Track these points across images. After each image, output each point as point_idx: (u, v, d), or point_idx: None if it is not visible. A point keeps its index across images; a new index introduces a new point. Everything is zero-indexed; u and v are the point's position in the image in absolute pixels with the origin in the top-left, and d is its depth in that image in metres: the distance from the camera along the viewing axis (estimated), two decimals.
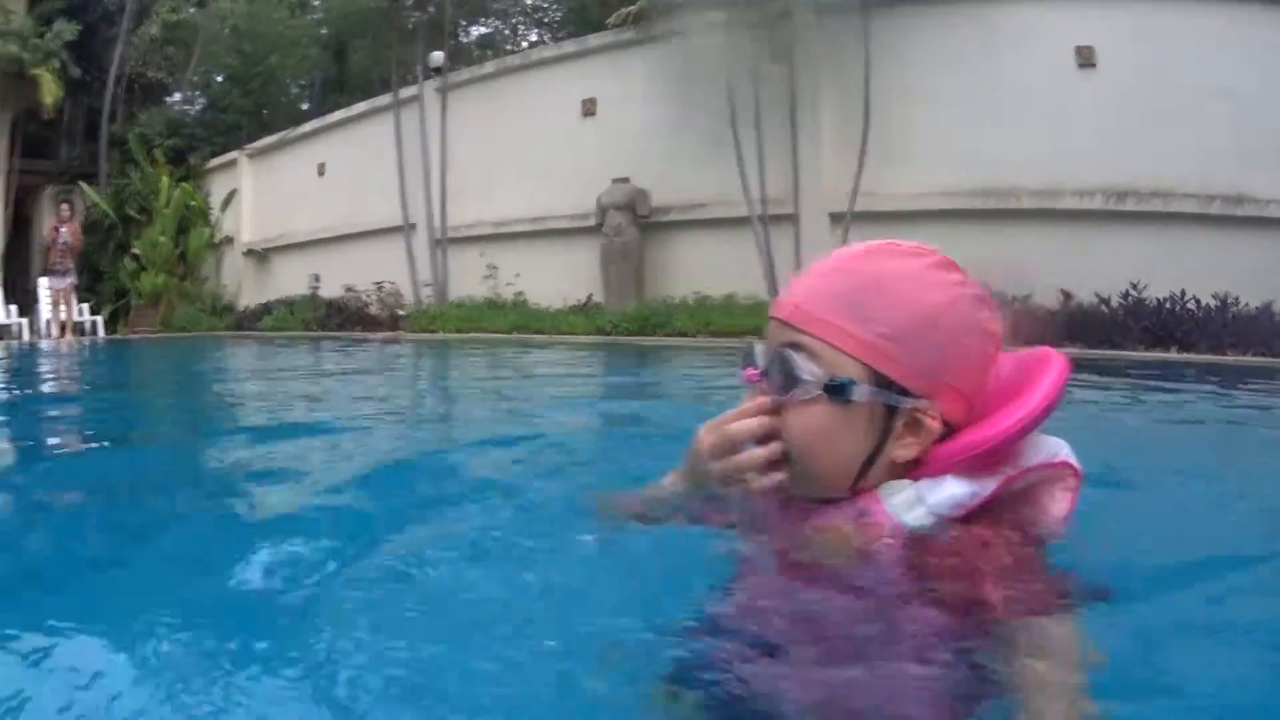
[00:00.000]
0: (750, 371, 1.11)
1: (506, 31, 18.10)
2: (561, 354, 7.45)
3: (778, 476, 1.06)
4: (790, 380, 1.04)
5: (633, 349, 7.78)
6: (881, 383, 1.02)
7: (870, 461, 1.05)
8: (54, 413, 5.12)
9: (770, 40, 8.55)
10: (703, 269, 9.16)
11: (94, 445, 3.74)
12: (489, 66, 12.19)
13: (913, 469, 1.05)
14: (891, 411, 1.03)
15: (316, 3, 18.93)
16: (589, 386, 5.66)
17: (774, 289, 8.30)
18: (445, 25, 13.24)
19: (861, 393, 1.02)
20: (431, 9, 13.19)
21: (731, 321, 8.01)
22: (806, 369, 1.03)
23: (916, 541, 1.04)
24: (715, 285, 8.84)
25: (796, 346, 1.04)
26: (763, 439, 1.06)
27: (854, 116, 8.40)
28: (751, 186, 8.70)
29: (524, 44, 16.95)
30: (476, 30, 16.22)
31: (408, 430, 3.66)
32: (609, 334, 8.48)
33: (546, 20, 18.02)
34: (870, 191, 8.30)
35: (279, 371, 6.73)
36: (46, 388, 6.61)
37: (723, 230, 9.17)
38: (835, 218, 8.49)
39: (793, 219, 8.76)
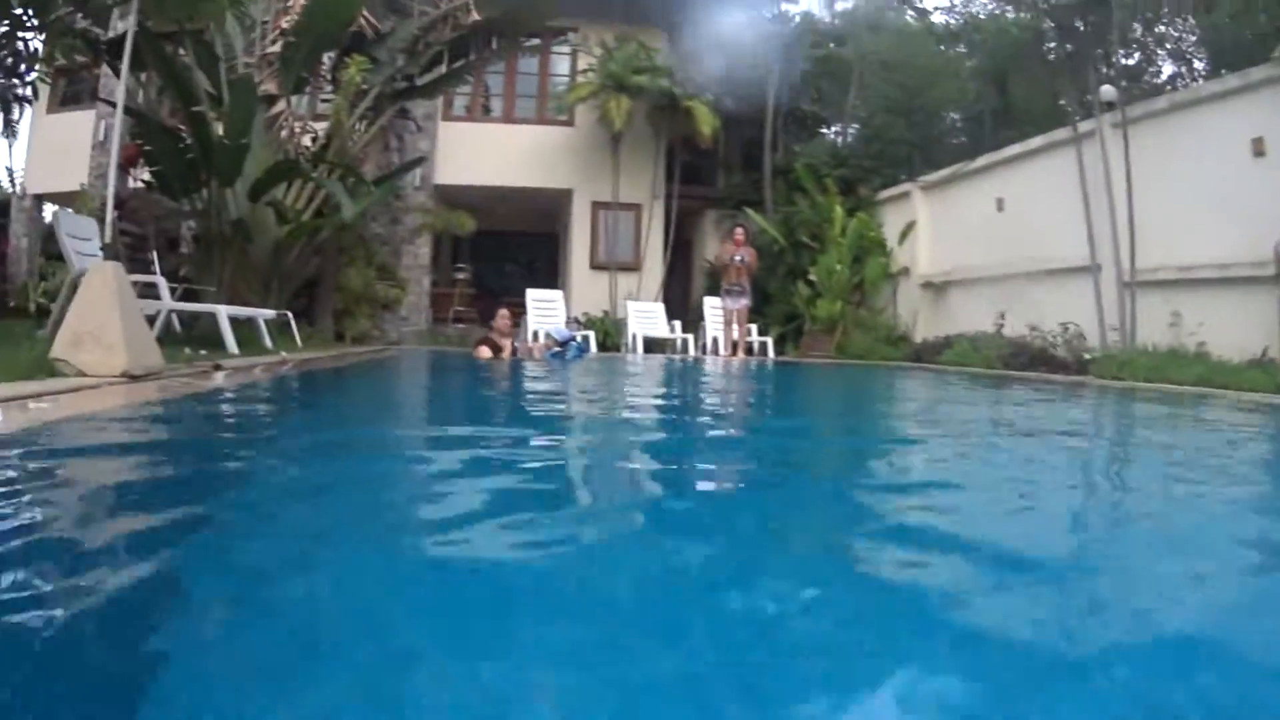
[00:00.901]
0: None
1: (1145, 64, 18.75)
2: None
3: None
4: None
5: None
6: None
7: None
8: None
9: None
10: None
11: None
12: (1161, 102, 12.63)
13: None
14: None
15: (971, 34, 20.68)
16: None
17: None
18: (1103, 58, 14.14)
19: None
20: (1080, 42, 14.16)
21: None
22: None
23: None
24: None
25: None
26: None
27: None
28: None
29: (1161, 77, 17.45)
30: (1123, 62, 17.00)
31: None
32: None
33: (1187, 54, 18.46)
34: None
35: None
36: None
37: None
38: None
39: None
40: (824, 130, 22.58)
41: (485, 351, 11.61)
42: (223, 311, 9.74)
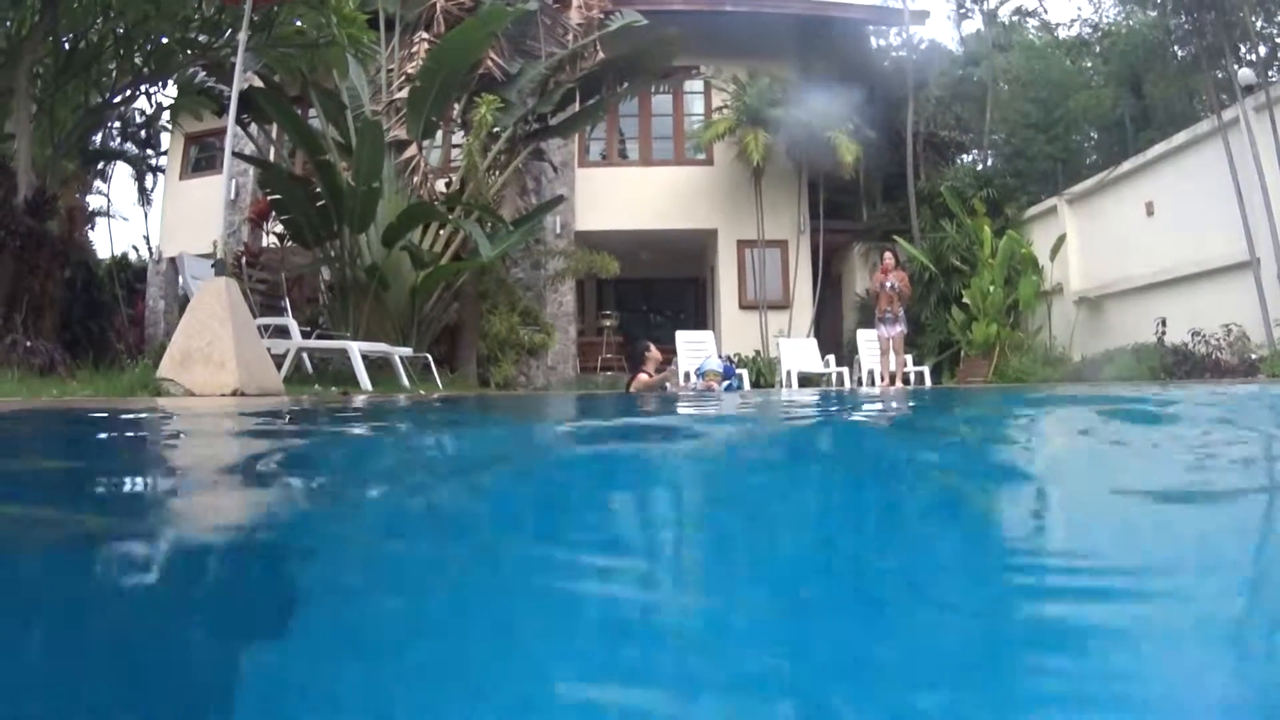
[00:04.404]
0: None
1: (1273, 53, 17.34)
2: None
3: None
4: None
5: None
6: None
7: None
8: None
9: None
10: None
11: None
12: None
13: None
14: None
15: (1097, 46, 19.97)
16: None
17: None
18: (1232, 49, 13.51)
19: None
20: (1209, 37, 13.60)
21: None
22: None
23: None
24: None
25: None
26: None
27: None
28: None
29: None
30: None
31: None
32: None
33: None
34: None
35: None
36: None
37: None
38: None
39: None
40: (963, 156, 21.75)
41: (644, 378, 10.64)
42: (354, 347, 9.13)
